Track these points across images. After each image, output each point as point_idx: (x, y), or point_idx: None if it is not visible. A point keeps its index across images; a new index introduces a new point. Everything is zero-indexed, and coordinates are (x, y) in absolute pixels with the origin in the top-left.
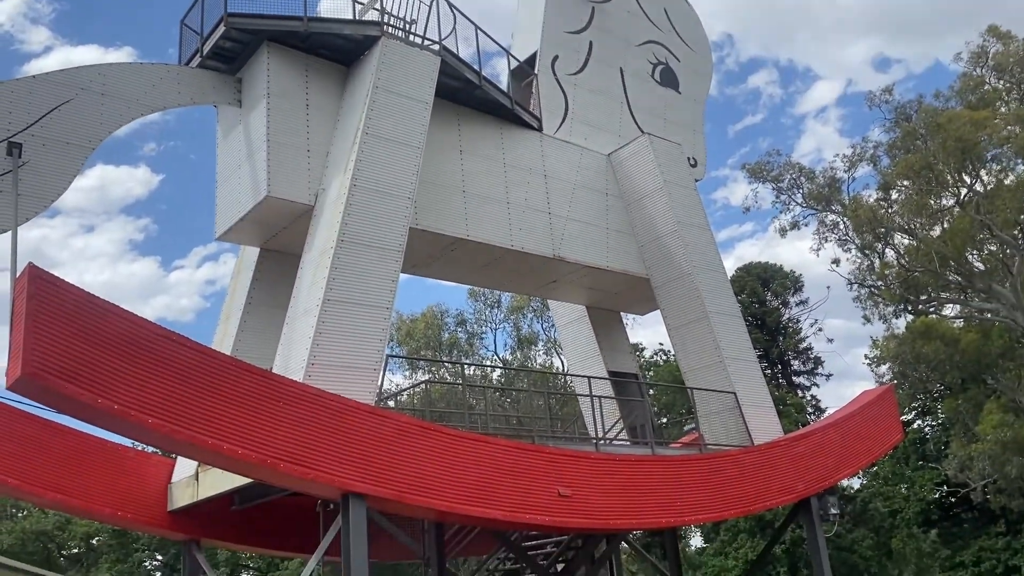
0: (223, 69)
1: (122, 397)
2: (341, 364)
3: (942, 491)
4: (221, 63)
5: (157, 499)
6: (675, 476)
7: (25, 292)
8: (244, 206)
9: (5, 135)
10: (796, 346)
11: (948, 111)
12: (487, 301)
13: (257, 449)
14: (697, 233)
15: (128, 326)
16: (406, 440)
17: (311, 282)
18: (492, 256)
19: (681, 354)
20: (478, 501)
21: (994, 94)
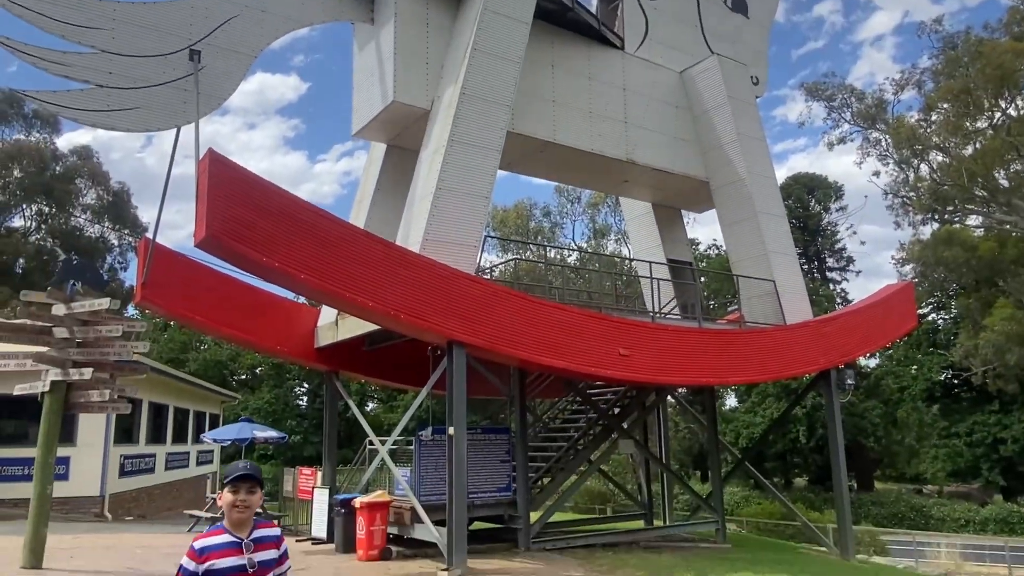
0: None
1: (282, 257)
2: (449, 240)
3: (947, 374)
4: None
5: (306, 338)
6: (717, 345)
7: (207, 172)
8: (375, 109)
9: (188, 44)
10: (832, 246)
11: (991, 40)
12: (569, 196)
13: (384, 303)
14: (754, 144)
15: (288, 202)
16: (498, 302)
17: (427, 173)
18: (574, 157)
19: (731, 247)
20: (554, 354)
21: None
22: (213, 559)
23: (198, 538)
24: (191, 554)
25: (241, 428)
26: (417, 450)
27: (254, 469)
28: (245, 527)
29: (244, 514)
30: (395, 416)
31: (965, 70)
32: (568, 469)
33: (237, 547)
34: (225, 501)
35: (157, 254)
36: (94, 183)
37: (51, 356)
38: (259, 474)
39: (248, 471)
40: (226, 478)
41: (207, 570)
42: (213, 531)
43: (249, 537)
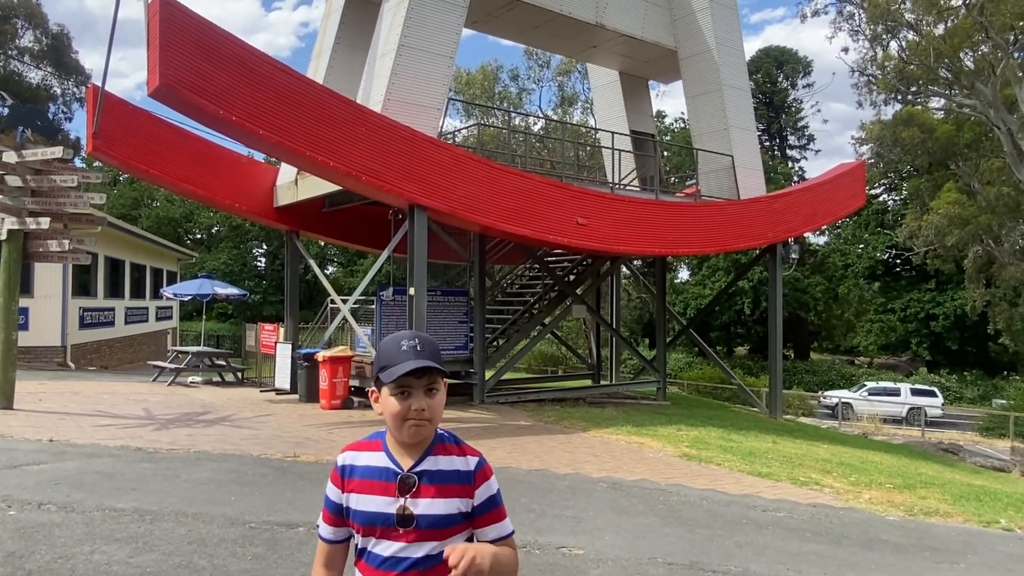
0: None
1: (239, 110)
2: (411, 101)
3: (891, 253)
4: None
5: (265, 197)
6: (671, 217)
7: (158, 15)
8: None
9: None
10: (795, 124)
11: None
12: (539, 61)
13: (345, 163)
14: (725, 13)
15: (247, 53)
16: (461, 167)
17: (389, 28)
18: (542, 18)
19: (693, 120)
20: (515, 221)
21: None
22: (355, 490)
23: (347, 449)
24: (334, 476)
25: (202, 284)
26: (379, 308)
27: (432, 353)
28: (418, 449)
29: (424, 429)
30: (355, 280)
31: None
32: (523, 331)
33: (393, 480)
34: (388, 408)
35: (108, 103)
36: (31, 24)
37: (5, 204)
38: (440, 360)
39: (426, 360)
40: (384, 368)
41: (347, 507)
42: (370, 441)
43: (415, 468)
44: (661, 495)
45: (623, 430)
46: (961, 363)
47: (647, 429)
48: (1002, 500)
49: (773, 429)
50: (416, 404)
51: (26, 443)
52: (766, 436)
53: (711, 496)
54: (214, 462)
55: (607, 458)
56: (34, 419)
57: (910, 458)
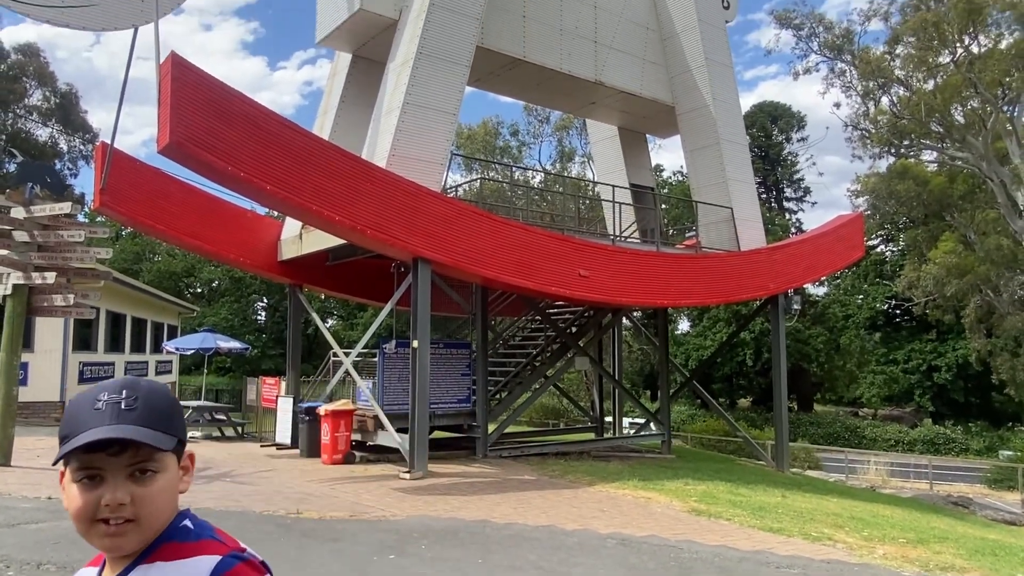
0: None
1: (248, 167)
2: (415, 157)
3: (890, 304)
4: None
5: (270, 251)
6: (673, 268)
7: (169, 76)
8: (340, 16)
9: None
10: (791, 176)
11: None
12: (539, 116)
13: (350, 217)
14: (721, 71)
15: (254, 111)
16: (464, 221)
17: (394, 87)
18: (543, 76)
19: (692, 173)
20: (517, 273)
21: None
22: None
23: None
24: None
25: (204, 338)
26: (381, 361)
27: (148, 412)
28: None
29: (124, 539)
30: (355, 333)
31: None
32: (525, 384)
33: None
34: (69, 502)
35: (115, 159)
36: (40, 83)
37: (12, 260)
38: (166, 422)
39: (127, 426)
40: (65, 438)
41: None
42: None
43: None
44: (672, 552)
45: (629, 484)
46: (966, 414)
47: (654, 483)
48: (1018, 554)
49: (781, 483)
50: (109, 496)
51: (24, 501)
52: (775, 490)
53: (723, 552)
54: (216, 519)
55: (615, 513)
56: (32, 476)
57: (921, 512)
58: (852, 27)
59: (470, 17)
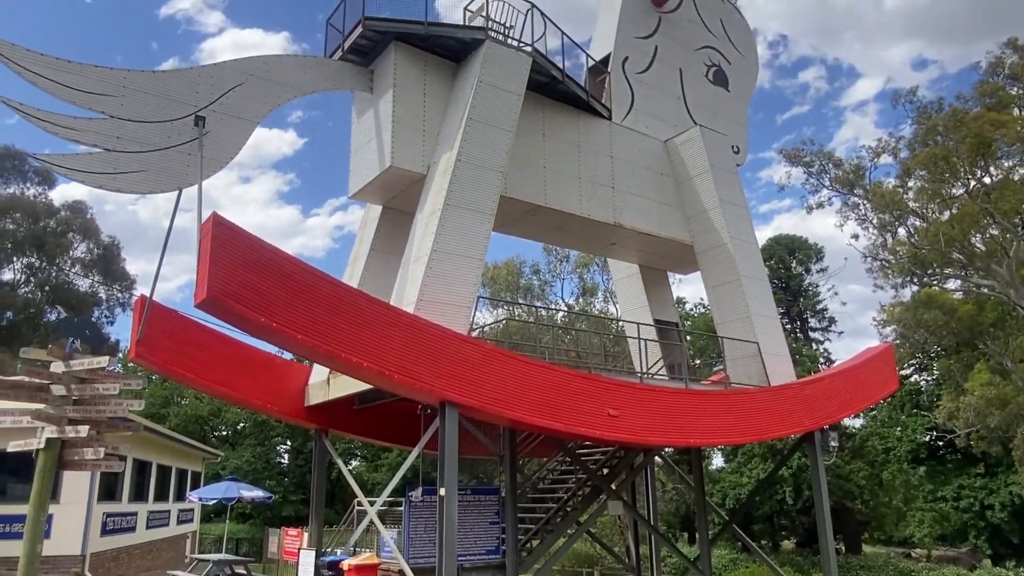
0: (359, 62)
1: (280, 317)
2: (442, 301)
3: (931, 435)
4: (358, 57)
5: (297, 396)
6: (703, 405)
7: (210, 235)
8: (372, 173)
9: (194, 110)
10: (814, 306)
11: (973, 112)
12: (558, 256)
13: (378, 363)
14: (735, 210)
15: (287, 264)
16: (491, 363)
17: (422, 236)
18: (564, 220)
19: (715, 309)
20: (545, 414)
21: (1010, 97)
22: None
23: None
24: None
25: (228, 487)
26: (407, 511)
27: None
28: None
29: None
30: (379, 475)
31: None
32: (557, 531)
33: None
34: None
35: (153, 311)
36: (85, 237)
37: (48, 414)
38: None
39: None
40: None
41: None
42: None
43: None
44: None
45: None
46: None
47: None
48: None
49: None
50: None
51: None
52: None
53: None
54: None
55: None
56: None
57: None
58: (862, 162)
59: (494, 170)
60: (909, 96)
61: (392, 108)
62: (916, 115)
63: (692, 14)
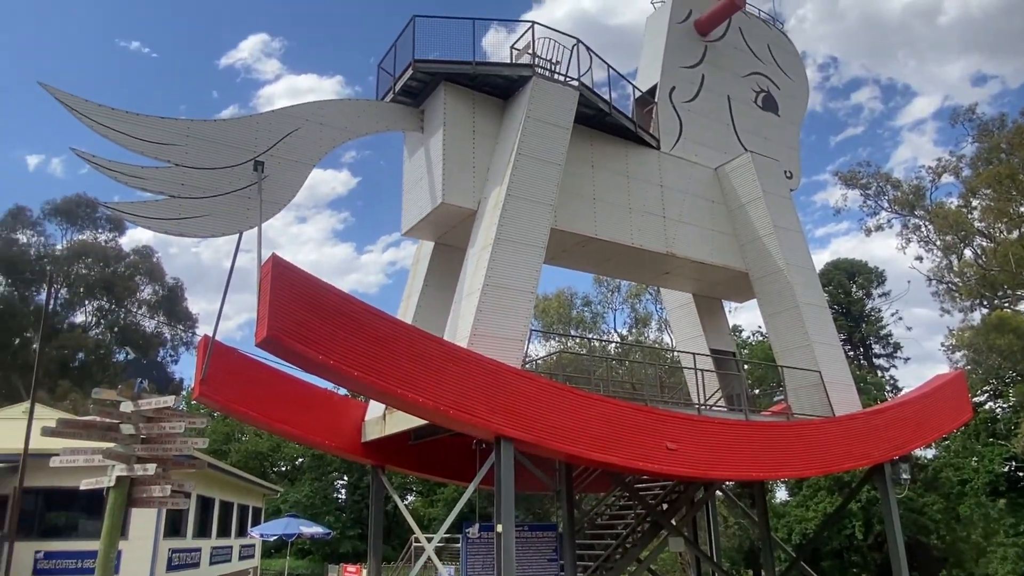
0: (409, 102)
1: (337, 355)
2: (496, 335)
3: (1011, 465)
4: (408, 98)
5: (354, 432)
6: (765, 438)
7: (270, 275)
8: (424, 210)
9: (253, 156)
10: (877, 332)
11: None
12: (609, 287)
13: (434, 399)
14: (791, 236)
15: (343, 302)
16: (546, 397)
17: (474, 270)
18: (615, 251)
19: (774, 337)
20: (602, 449)
21: None
22: None
23: None
24: None
25: (288, 523)
26: (464, 548)
27: None
28: None
29: None
30: (435, 511)
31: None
32: (617, 568)
33: None
34: None
35: (216, 351)
36: (151, 279)
37: (118, 452)
38: None
39: None
40: None
41: None
42: None
43: None
44: None
45: None
46: None
47: None
48: None
49: None
50: None
51: None
52: None
53: None
54: None
55: None
56: None
57: None
58: (922, 183)
59: (544, 204)
60: (968, 113)
61: (442, 146)
62: (977, 132)
63: (738, 41)
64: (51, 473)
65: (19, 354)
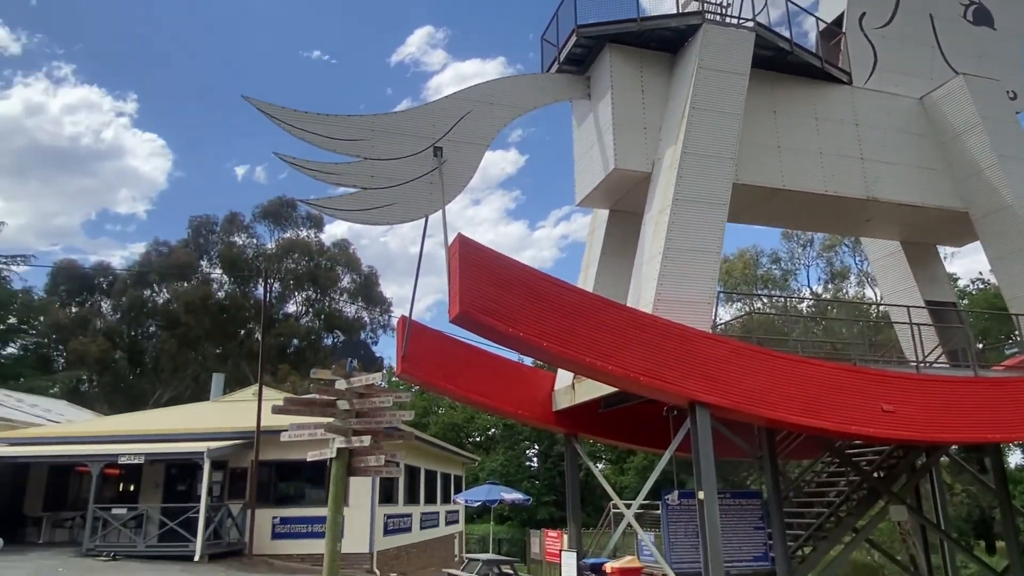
0: (575, 71)
1: (526, 327)
2: (681, 299)
3: None
4: (573, 66)
5: (544, 402)
6: (1001, 395)
7: (458, 254)
8: (597, 178)
9: (432, 142)
10: None
11: None
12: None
13: (623, 366)
14: (1019, 165)
15: (529, 276)
16: (740, 360)
17: (653, 234)
18: (807, 201)
19: (1004, 283)
20: (806, 413)
21: None
22: None
23: None
24: None
25: (490, 490)
26: (664, 515)
27: None
28: None
29: None
30: (626, 478)
31: None
32: (831, 538)
33: None
34: None
35: (412, 330)
36: (349, 269)
37: (337, 426)
38: None
39: None
40: None
41: None
42: None
43: None
44: None
45: None
46: None
47: None
48: None
49: None
50: None
51: None
52: None
53: None
54: None
55: None
56: None
57: None
58: None
59: (724, 158)
60: None
61: (611, 110)
62: None
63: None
64: (281, 447)
65: (244, 344)
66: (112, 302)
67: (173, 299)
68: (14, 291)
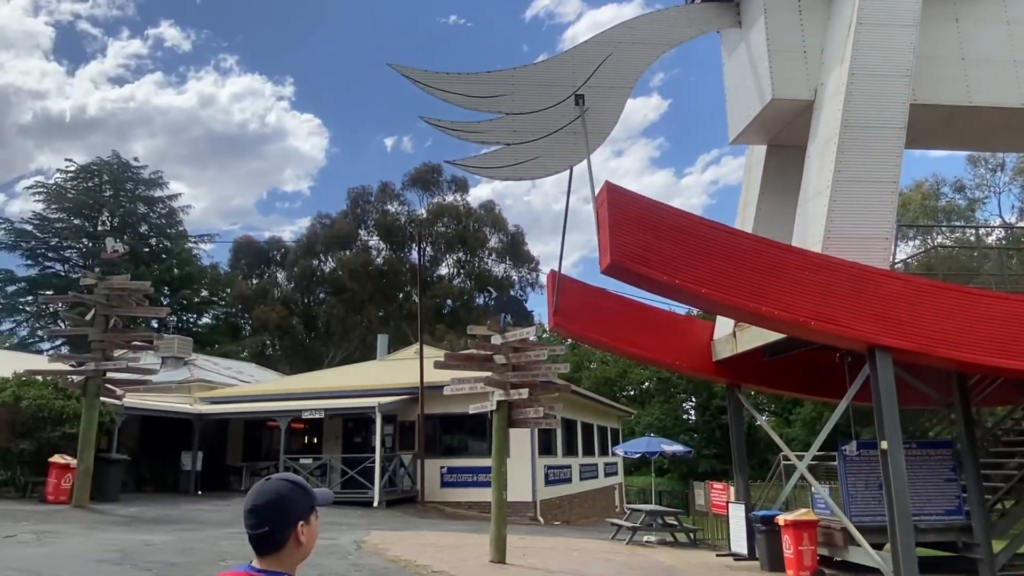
0: None
1: (682, 274)
2: (854, 236)
3: None
4: None
5: (703, 352)
6: None
7: (606, 202)
8: (752, 111)
9: (572, 90)
10: None
11: None
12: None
13: (791, 311)
14: None
15: (684, 220)
16: (927, 299)
17: (819, 167)
18: (998, 118)
19: None
20: (1005, 354)
21: None
22: None
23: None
24: None
25: (649, 442)
26: (842, 466)
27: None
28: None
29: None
30: (792, 430)
31: None
32: None
33: None
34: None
35: (562, 284)
36: (496, 229)
37: (496, 380)
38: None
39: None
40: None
41: None
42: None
43: None
44: None
45: None
46: None
47: None
48: None
49: None
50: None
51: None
52: None
53: None
54: None
55: None
56: (526, 574)
57: None
58: None
59: (898, 77)
60: None
61: (766, 36)
62: None
63: None
64: (445, 401)
65: (403, 306)
66: (286, 273)
67: (338, 267)
68: (204, 267)
